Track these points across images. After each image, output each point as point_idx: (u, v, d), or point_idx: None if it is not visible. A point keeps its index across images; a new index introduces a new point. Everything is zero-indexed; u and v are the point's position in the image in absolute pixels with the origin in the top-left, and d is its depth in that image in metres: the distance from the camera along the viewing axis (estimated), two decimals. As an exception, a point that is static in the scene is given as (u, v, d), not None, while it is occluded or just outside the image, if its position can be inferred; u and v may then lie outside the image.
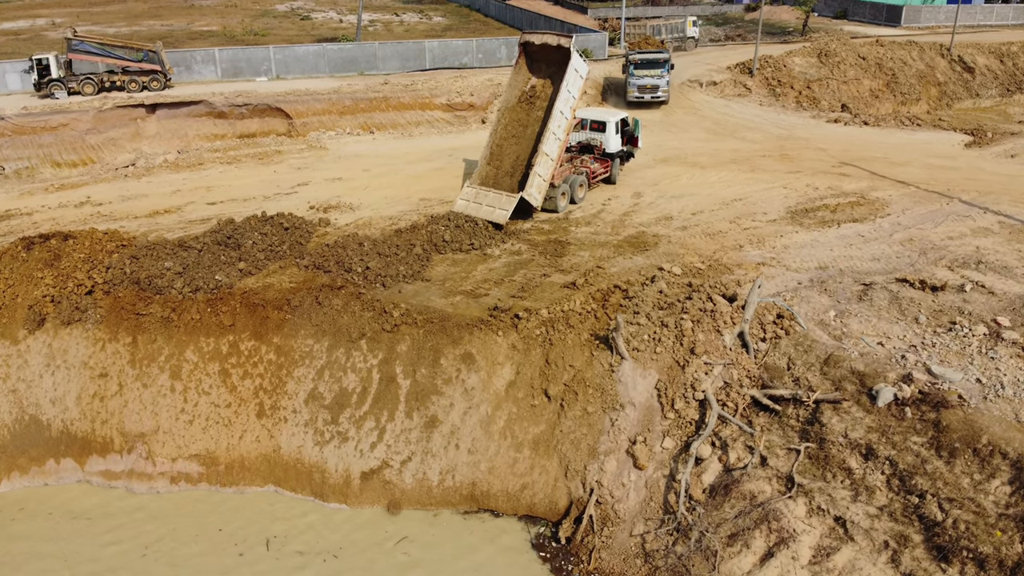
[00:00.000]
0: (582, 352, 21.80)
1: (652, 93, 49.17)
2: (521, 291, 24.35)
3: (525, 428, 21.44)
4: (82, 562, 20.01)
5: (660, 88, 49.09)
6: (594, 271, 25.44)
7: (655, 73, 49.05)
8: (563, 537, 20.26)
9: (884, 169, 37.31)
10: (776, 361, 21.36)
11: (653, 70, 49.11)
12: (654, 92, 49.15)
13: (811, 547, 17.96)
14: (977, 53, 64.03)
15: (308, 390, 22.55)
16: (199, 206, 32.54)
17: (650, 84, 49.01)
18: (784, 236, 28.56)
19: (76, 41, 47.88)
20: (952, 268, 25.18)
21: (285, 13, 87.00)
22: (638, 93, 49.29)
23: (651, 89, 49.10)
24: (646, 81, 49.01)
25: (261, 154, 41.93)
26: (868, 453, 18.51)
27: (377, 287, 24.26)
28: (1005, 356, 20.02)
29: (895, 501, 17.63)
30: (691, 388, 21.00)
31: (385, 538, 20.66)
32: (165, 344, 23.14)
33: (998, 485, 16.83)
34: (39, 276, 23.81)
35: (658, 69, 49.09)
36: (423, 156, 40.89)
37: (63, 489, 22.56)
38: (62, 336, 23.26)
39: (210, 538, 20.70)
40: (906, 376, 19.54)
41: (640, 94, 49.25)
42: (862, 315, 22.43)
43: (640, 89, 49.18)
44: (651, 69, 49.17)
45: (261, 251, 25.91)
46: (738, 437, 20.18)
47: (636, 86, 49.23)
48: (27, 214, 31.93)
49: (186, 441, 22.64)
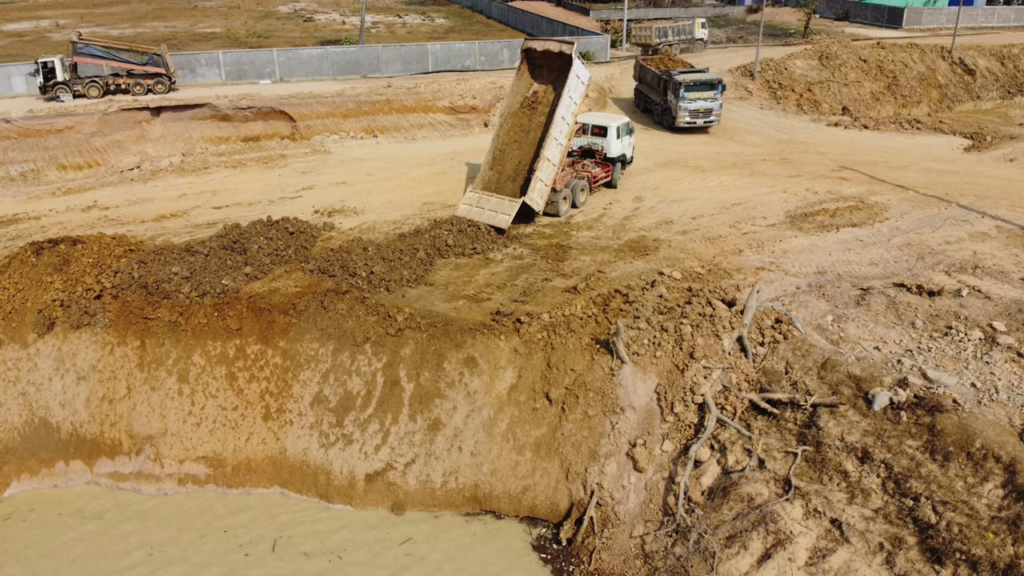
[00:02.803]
0: (583, 356, 22.12)
1: (705, 118, 45.31)
2: (523, 295, 24.71)
3: (527, 431, 21.77)
4: (91, 562, 20.38)
5: (713, 112, 45.40)
6: (595, 275, 25.80)
7: (708, 96, 45.17)
8: (564, 539, 20.59)
9: (883, 173, 37.61)
10: (774, 365, 21.66)
11: (706, 92, 45.20)
12: (707, 117, 45.36)
13: (807, 549, 18.27)
14: (978, 55, 64.31)
15: (314, 393, 22.90)
16: (205, 210, 32.90)
17: (703, 108, 45.13)
18: (783, 241, 28.87)
19: (81, 44, 48.30)
20: (949, 273, 25.48)
21: (288, 15, 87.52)
22: (690, 118, 45.30)
23: (704, 113, 45.26)
24: (699, 105, 45.04)
25: (266, 158, 42.30)
26: (864, 456, 18.81)
27: (381, 291, 24.61)
28: (1000, 361, 20.32)
29: (890, 504, 17.93)
30: (690, 392, 21.32)
31: (389, 539, 20.99)
32: (173, 348, 23.49)
33: (991, 488, 17.12)
34: (48, 281, 24.21)
35: (711, 91, 45.31)
36: (426, 160, 41.26)
37: (72, 491, 22.93)
38: (71, 340, 23.62)
39: (216, 539, 21.05)
40: (902, 380, 19.84)
41: (692, 119, 45.33)
42: (859, 320, 22.73)
43: (692, 114, 45.17)
44: (704, 91, 45.20)
45: (267, 256, 26.27)
46: (736, 440, 20.50)
47: (688, 111, 45.08)
48: (35, 218, 32.33)
49: (193, 443, 22.99)
